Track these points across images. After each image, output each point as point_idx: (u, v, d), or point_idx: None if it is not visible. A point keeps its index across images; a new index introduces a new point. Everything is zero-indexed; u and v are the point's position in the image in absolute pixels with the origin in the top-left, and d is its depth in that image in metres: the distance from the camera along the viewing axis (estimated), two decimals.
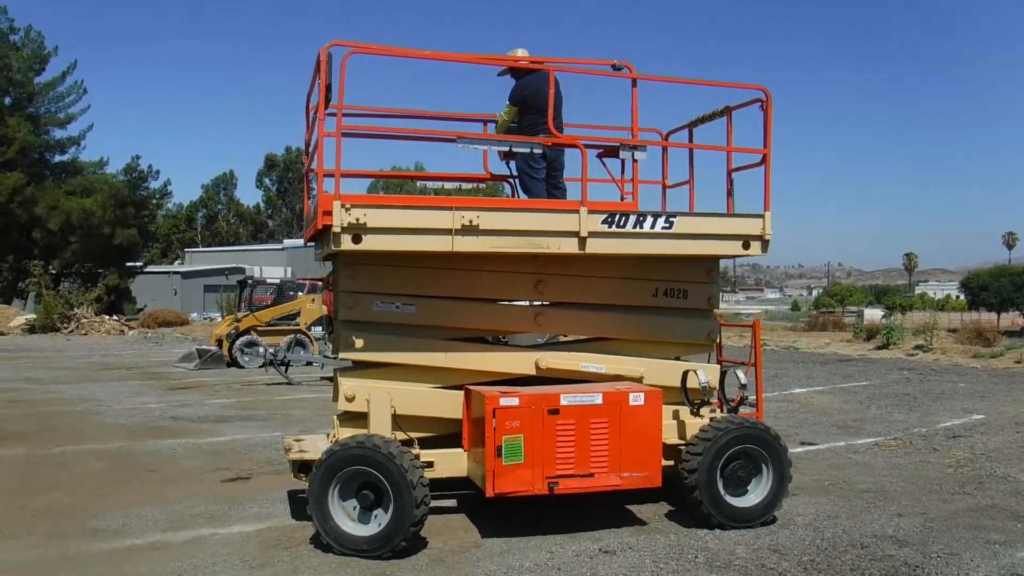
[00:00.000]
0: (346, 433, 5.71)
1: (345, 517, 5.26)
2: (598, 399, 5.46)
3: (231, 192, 77.30)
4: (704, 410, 6.07)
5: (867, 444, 9.16)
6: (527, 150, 5.99)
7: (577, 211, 5.53)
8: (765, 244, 5.92)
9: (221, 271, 50.71)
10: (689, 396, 6.10)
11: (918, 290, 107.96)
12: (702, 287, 6.31)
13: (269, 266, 46.72)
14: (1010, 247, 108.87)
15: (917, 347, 22.36)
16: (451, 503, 6.33)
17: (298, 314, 19.42)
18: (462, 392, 5.88)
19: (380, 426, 5.62)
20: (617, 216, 5.61)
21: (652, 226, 5.66)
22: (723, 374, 6.51)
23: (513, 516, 5.88)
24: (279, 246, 58.82)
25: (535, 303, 6.26)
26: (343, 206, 5.11)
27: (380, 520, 5.20)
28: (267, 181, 77.51)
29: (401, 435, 5.70)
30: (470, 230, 5.34)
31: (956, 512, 6.24)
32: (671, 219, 5.71)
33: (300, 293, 20.18)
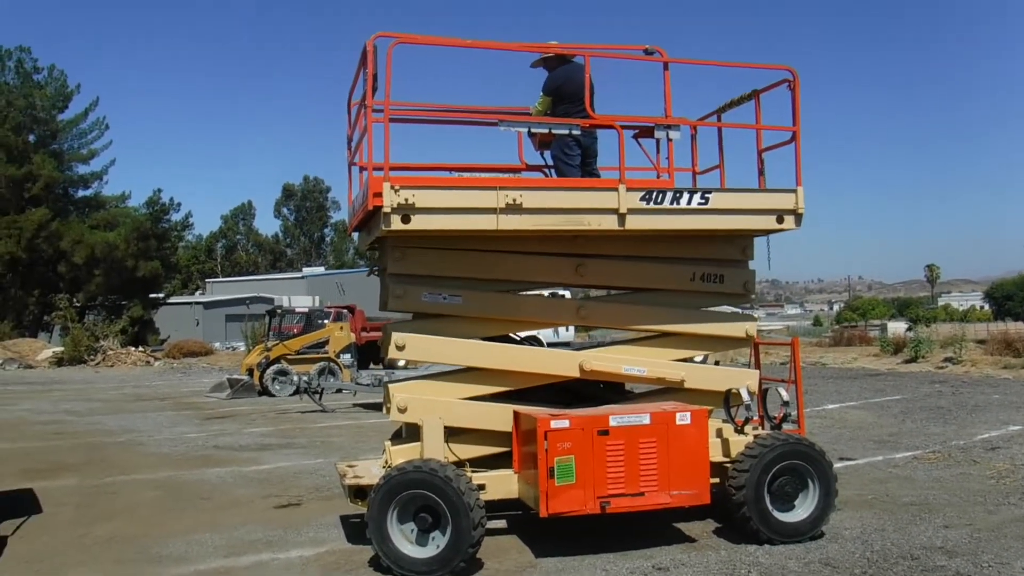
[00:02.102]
0: (399, 457, 5.90)
1: (404, 540, 5.40)
2: (646, 419, 5.61)
3: (250, 222, 78.37)
4: (748, 428, 6.19)
5: (906, 458, 9.20)
6: (566, 131, 6.12)
7: (616, 189, 5.72)
8: (799, 218, 6.04)
9: (242, 300, 51.30)
10: (730, 405, 6.22)
11: (941, 301, 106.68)
12: (738, 272, 6.38)
13: (288, 294, 47.27)
14: None
15: (946, 359, 22.20)
16: (502, 524, 6.46)
17: (327, 342, 19.67)
18: (510, 407, 6.00)
19: (434, 450, 5.79)
20: (655, 193, 5.78)
21: (688, 202, 5.82)
22: (765, 392, 6.63)
23: (565, 536, 6.01)
24: (299, 274, 59.49)
25: (577, 296, 6.41)
26: (393, 187, 5.33)
27: (438, 542, 5.36)
28: (285, 210, 78.56)
29: (454, 458, 5.86)
30: (514, 209, 5.53)
31: (1003, 523, 6.30)
32: (707, 195, 5.87)
33: (327, 321, 20.44)
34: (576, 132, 6.15)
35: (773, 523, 5.74)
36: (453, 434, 5.99)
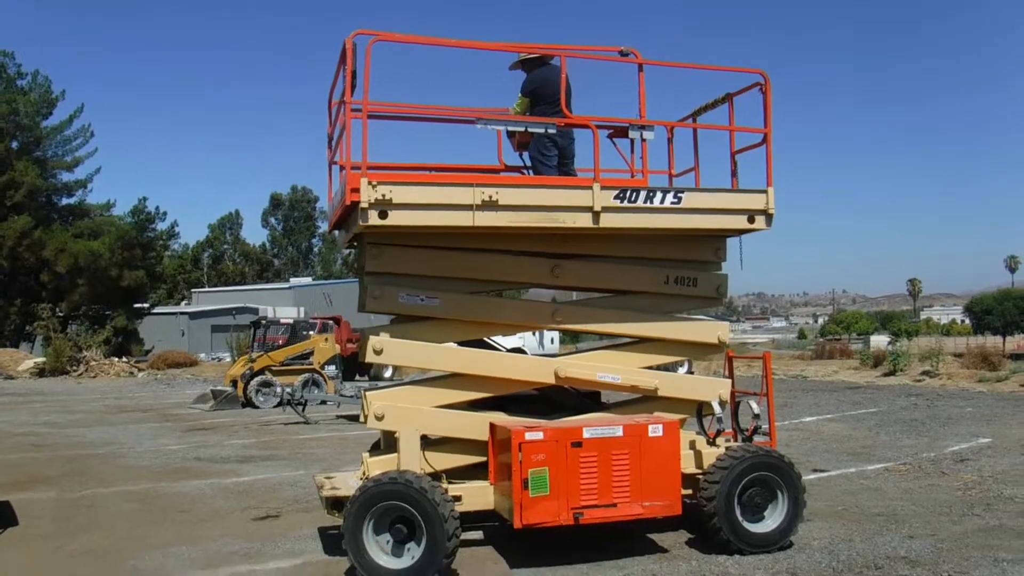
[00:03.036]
0: (376, 469, 5.97)
1: (379, 551, 5.47)
2: (619, 431, 5.73)
3: (237, 232, 78.05)
4: (720, 440, 6.32)
5: (877, 469, 9.37)
6: (542, 130, 6.24)
7: (591, 187, 5.83)
8: (769, 218, 6.18)
9: (228, 311, 51.09)
10: (702, 417, 6.34)
11: (923, 315, 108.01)
12: (711, 276, 6.50)
13: (275, 305, 47.14)
14: (1013, 270, 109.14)
15: (924, 373, 22.53)
16: (478, 535, 6.54)
17: (311, 353, 19.69)
18: (487, 416, 6.09)
19: (410, 461, 5.87)
20: (628, 192, 5.91)
21: (662, 201, 5.95)
22: (737, 404, 6.77)
23: (539, 547, 6.10)
24: (286, 285, 59.34)
25: (553, 302, 6.47)
26: (370, 183, 5.42)
27: (413, 553, 5.44)
28: (272, 220, 78.34)
29: (430, 470, 5.94)
30: (490, 205, 5.63)
31: (966, 533, 6.46)
32: (679, 195, 6.01)
33: (312, 332, 20.45)
34: (552, 131, 6.24)
35: (743, 533, 5.86)
36: (430, 444, 6.07)
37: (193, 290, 66.09)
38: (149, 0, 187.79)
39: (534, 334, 24.35)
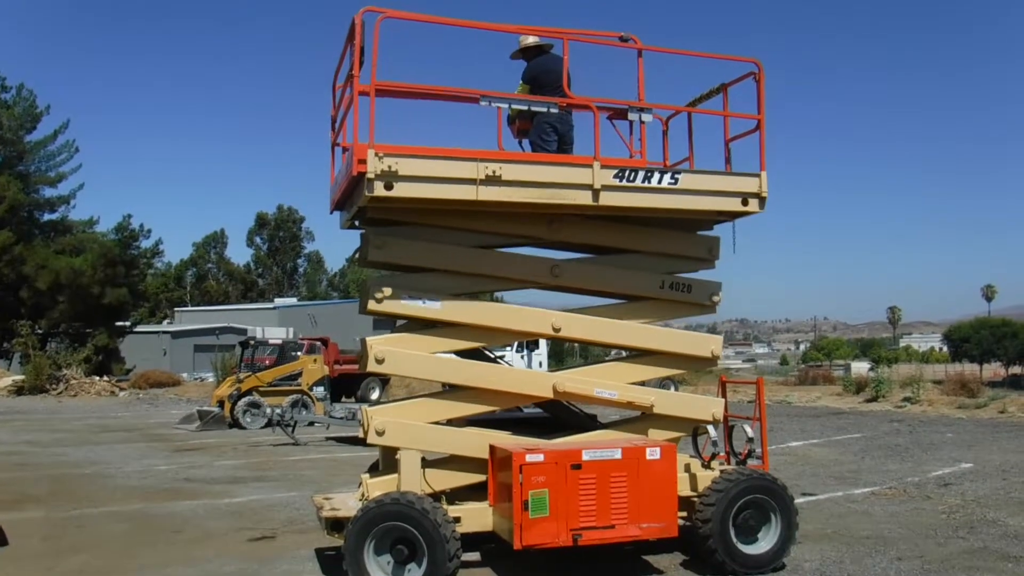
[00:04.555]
0: (377, 490, 6.02)
1: (380, 572, 5.53)
2: (617, 454, 5.83)
3: (222, 251, 77.57)
4: (715, 463, 6.46)
5: (864, 493, 9.54)
6: (544, 109, 6.34)
7: (591, 165, 5.97)
8: (762, 201, 6.33)
9: (211, 331, 50.65)
10: (697, 440, 6.46)
11: (903, 343, 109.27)
12: (704, 284, 6.60)
13: (259, 325, 46.79)
14: (989, 299, 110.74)
15: (905, 399, 22.84)
16: (476, 556, 6.59)
17: (300, 374, 19.62)
18: (486, 433, 6.17)
19: (411, 482, 5.94)
20: (627, 171, 6.06)
21: (659, 181, 6.10)
22: (731, 429, 6.91)
23: (537, 568, 6.17)
24: (270, 305, 58.90)
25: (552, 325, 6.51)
26: (377, 155, 5.51)
27: (414, 574, 5.50)
28: (258, 240, 77.91)
29: (430, 490, 6.00)
30: (493, 180, 5.74)
31: (951, 555, 6.63)
32: (676, 175, 6.16)
33: (301, 353, 20.40)
34: (554, 111, 6.36)
35: (737, 555, 5.97)
36: (429, 464, 6.14)
37: (176, 309, 65.48)
38: (137, 17, 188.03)
39: (523, 357, 24.42)
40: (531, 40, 6.71)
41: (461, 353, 6.37)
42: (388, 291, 5.97)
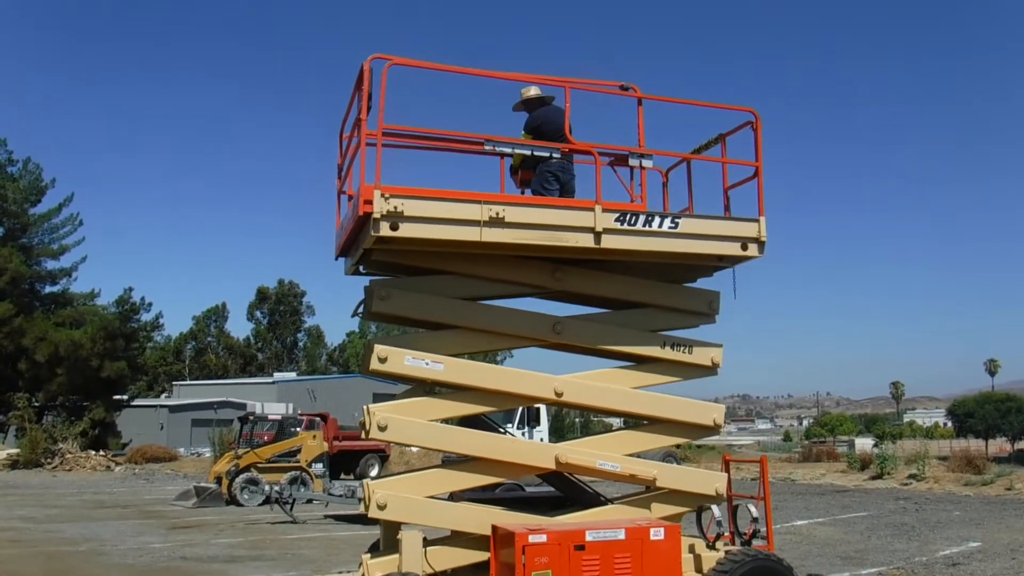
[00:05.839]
0: (377, 571, 5.96)
1: None
2: (621, 535, 5.82)
3: (221, 324, 77.63)
4: (719, 543, 6.43)
5: (871, 574, 9.39)
6: (547, 155, 6.48)
7: (592, 209, 6.08)
8: (761, 245, 6.42)
9: (210, 405, 50.19)
10: (701, 520, 6.43)
11: (906, 418, 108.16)
12: (705, 347, 6.60)
13: (258, 399, 46.38)
14: (992, 374, 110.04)
15: (911, 476, 22.56)
16: None
17: (299, 451, 19.45)
18: (489, 510, 6.14)
19: (413, 563, 5.90)
20: (628, 215, 6.16)
21: (660, 225, 6.18)
22: (735, 508, 6.89)
23: None
24: (269, 380, 58.55)
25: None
26: (383, 195, 5.62)
27: None
28: (258, 314, 78.08)
29: (431, 571, 5.95)
30: (496, 222, 5.81)
31: None
32: (676, 220, 6.26)
33: (300, 429, 20.27)
34: (556, 156, 6.51)
35: None
36: (431, 543, 6.10)
37: (174, 383, 65.08)
38: (143, 92, 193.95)
39: (524, 434, 24.22)
40: (533, 92, 6.94)
41: (463, 423, 6.38)
42: (391, 351, 5.98)
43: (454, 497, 6.36)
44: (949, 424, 59.77)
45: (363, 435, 6.13)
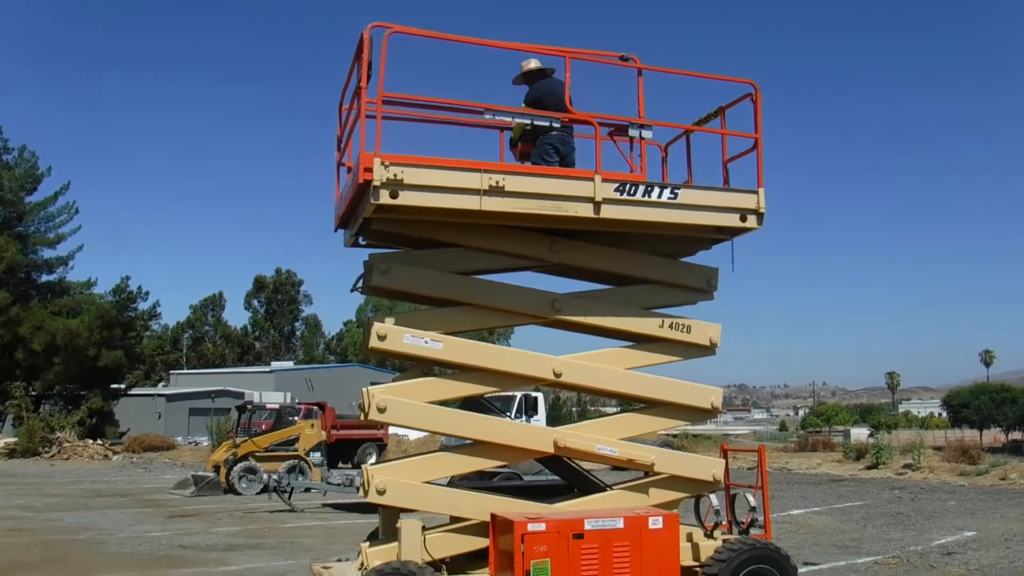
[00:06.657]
0: (376, 559, 5.98)
1: None
2: (619, 523, 5.84)
3: (219, 313, 77.57)
4: (717, 532, 6.46)
5: (867, 563, 9.45)
6: (547, 123, 6.44)
7: (592, 179, 6.05)
8: (760, 217, 6.40)
9: (207, 394, 50.23)
10: (700, 511, 6.45)
11: (901, 408, 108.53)
12: (703, 326, 6.59)
13: (255, 389, 46.38)
14: (988, 364, 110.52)
15: (906, 466, 22.68)
16: None
17: (296, 440, 19.48)
18: (488, 497, 6.16)
19: (412, 551, 5.92)
20: (628, 185, 6.13)
21: (659, 196, 6.15)
22: (733, 497, 6.92)
23: None
24: (267, 369, 58.58)
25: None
26: (383, 163, 5.58)
27: None
28: (255, 303, 78.00)
29: (430, 559, 5.96)
30: (496, 191, 5.78)
31: None
32: (676, 191, 6.23)
33: (298, 418, 20.30)
34: (556, 126, 6.46)
35: None
36: (429, 531, 6.11)
37: (171, 372, 65.08)
38: (141, 83, 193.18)
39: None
40: (533, 64, 6.92)
41: (463, 407, 6.37)
42: (390, 329, 5.95)
43: (453, 485, 6.37)
44: (944, 414, 60.05)
45: (362, 417, 6.11)
